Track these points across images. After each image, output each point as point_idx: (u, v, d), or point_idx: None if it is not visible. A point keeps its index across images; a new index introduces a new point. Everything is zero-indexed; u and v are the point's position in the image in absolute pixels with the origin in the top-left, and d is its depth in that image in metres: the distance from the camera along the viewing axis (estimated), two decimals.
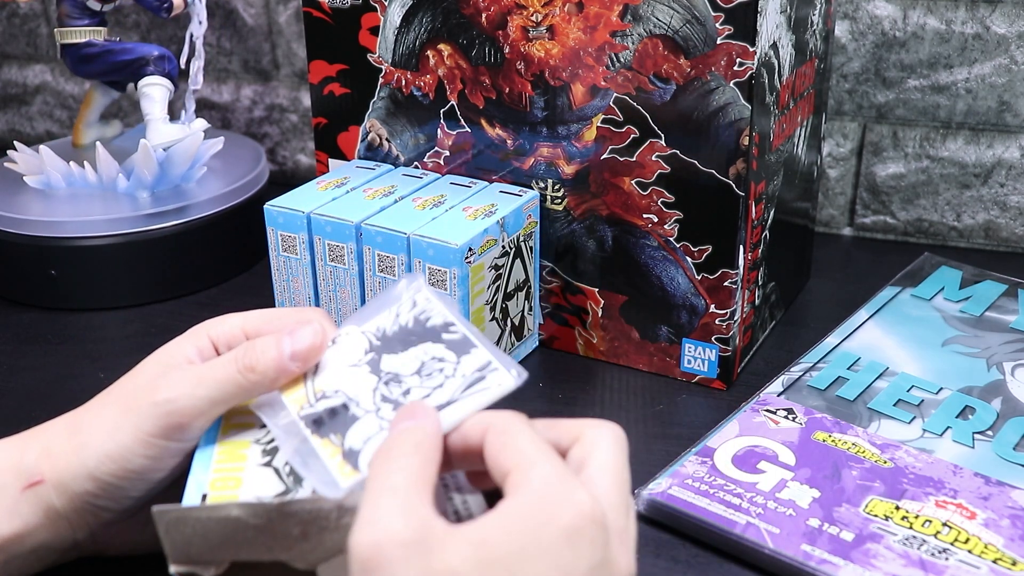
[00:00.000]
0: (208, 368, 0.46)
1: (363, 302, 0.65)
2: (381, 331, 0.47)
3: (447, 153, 0.70)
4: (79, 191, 0.81)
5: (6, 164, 0.84)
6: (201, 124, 0.82)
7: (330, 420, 0.44)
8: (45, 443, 0.47)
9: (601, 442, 0.41)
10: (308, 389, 0.46)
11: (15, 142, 0.83)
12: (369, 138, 0.72)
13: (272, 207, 0.65)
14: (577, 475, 0.39)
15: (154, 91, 0.81)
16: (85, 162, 0.81)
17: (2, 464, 0.46)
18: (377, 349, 0.46)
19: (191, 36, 0.84)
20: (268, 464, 0.46)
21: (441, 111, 0.69)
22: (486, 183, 0.68)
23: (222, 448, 0.47)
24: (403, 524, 0.35)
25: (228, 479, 0.45)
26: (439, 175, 0.70)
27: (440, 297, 0.48)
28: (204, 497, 0.44)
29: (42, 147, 0.81)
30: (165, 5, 0.83)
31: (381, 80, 0.70)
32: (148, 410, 0.45)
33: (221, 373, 0.45)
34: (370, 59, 0.70)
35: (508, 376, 0.44)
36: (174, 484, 0.47)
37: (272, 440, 0.47)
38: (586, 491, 0.37)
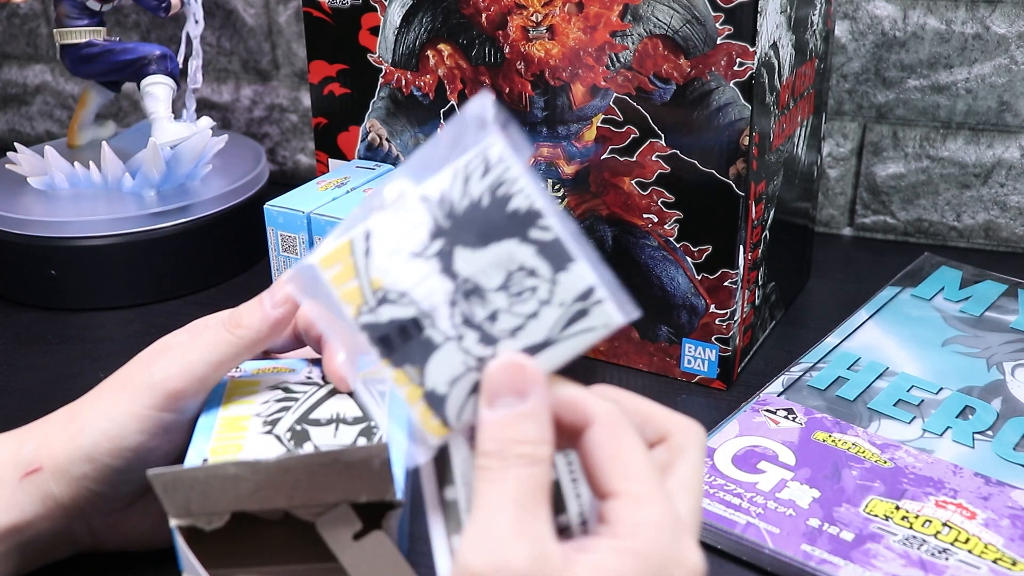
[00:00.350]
0: (197, 334, 0.47)
1: None
2: (447, 204, 0.37)
3: None
4: (81, 191, 0.81)
5: (7, 166, 0.84)
6: (207, 122, 0.82)
7: (401, 341, 0.37)
8: (43, 433, 0.47)
9: (689, 450, 0.39)
10: (363, 278, 0.37)
11: (16, 144, 0.83)
12: (369, 138, 0.72)
13: (272, 207, 0.65)
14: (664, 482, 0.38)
15: (158, 90, 0.81)
16: (91, 162, 0.81)
17: (1, 456, 0.47)
18: (446, 234, 0.37)
19: (187, 35, 0.85)
20: (269, 433, 0.46)
21: (441, 111, 0.69)
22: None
23: (223, 419, 0.47)
24: (524, 552, 0.33)
25: (228, 446, 0.45)
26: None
27: (519, 156, 0.37)
28: (204, 461, 0.43)
29: (46, 147, 0.81)
30: (163, 4, 0.83)
31: (381, 80, 0.70)
32: (142, 384, 0.45)
33: (211, 335, 0.46)
34: (370, 59, 0.70)
35: (615, 314, 0.37)
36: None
37: (274, 412, 0.47)
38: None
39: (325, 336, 0.48)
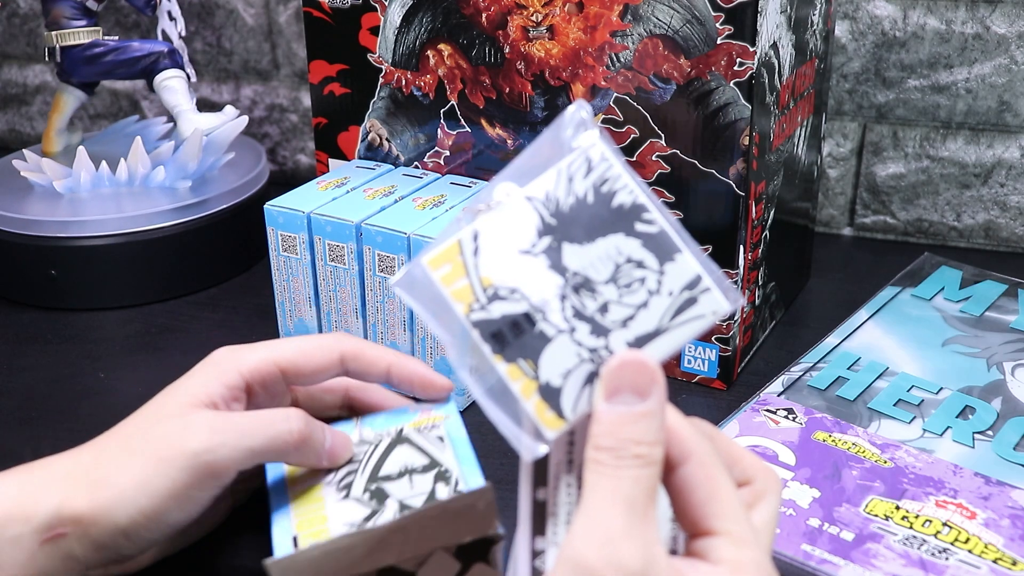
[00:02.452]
0: (259, 421, 0.44)
1: (363, 302, 0.65)
2: (553, 202, 0.38)
3: (447, 153, 0.70)
4: (80, 192, 0.81)
5: (27, 174, 0.81)
6: (232, 111, 0.83)
7: (514, 336, 0.37)
8: (63, 495, 0.43)
9: (771, 495, 0.40)
10: (472, 277, 0.38)
11: (24, 151, 0.83)
12: (369, 138, 0.72)
13: (272, 207, 0.65)
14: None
15: (176, 83, 0.82)
16: (122, 159, 0.81)
17: (12, 511, 0.43)
18: (553, 231, 0.38)
19: (163, 32, 0.84)
20: (347, 498, 0.46)
21: (441, 111, 0.69)
22: (486, 183, 0.68)
23: (295, 494, 0.47)
24: (637, 552, 0.34)
25: (313, 519, 0.46)
26: (439, 175, 0.70)
27: (618, 156, 0.38)
28: (295, 539, 0.44)
29: (80, 149, 0.80)
30: (152, 2, 0.83)
31: (381, 80, 0.70)
32: (183, 461, 0.43)
33: (274, 431, 0.44)
34: (370, 59, 0.70)
35: (723, 301, 0.37)
36: (195, 522, 0.46)
37: (343, 477, 0.48)
38: None
39: (434, 334, 0.47)
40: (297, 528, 0.45)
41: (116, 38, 0.83)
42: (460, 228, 0.38)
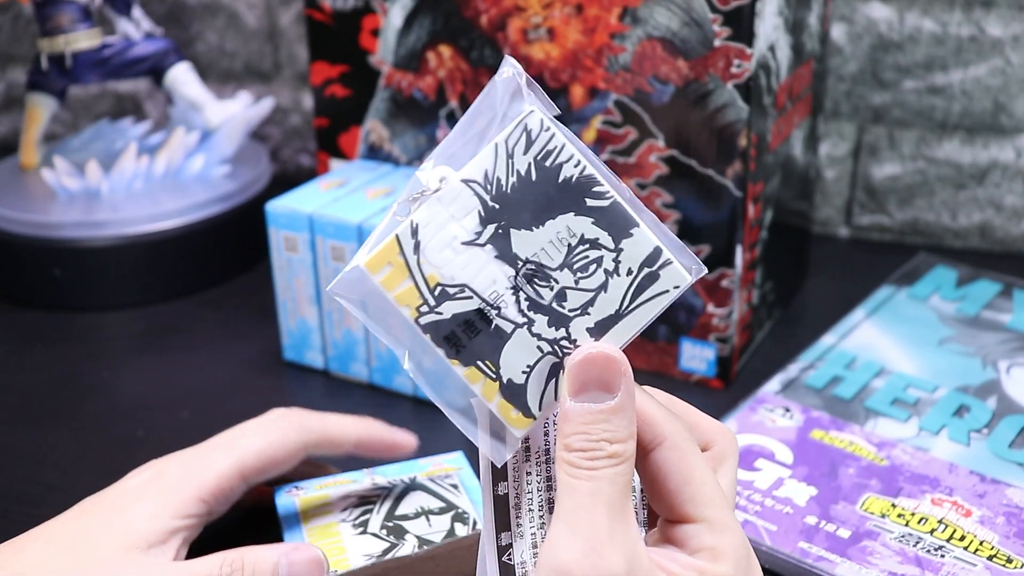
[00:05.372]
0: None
1: None
2: (494, 182, 0.34)
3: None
4: (94, 193, 0.81)
5: (66, 181, 0.80)
6: (247, 97, 0.85)
7: (468, 337, 0.35)
8: None
9: (729, 456, 0.40)
10: (416, 277, 0.35)
11: (55, 157, 0.82)
12: (370, 139, 0.73)
13: (274, 207, 0.66)
14: None
15: (190, 76, 0.84)
16: (161, 151, 0.82)
17: None
18: (498, 216, 0.34)
19: (125, 33, 0.84)
20: (364, 533, 0.47)
21: (441, 113, 0.69)
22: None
23: (311, 530, 0.48)
24: (620, 557, 0.33)
25: (331, 551, 0.46)
26: None
27: (558, 125, 0.35)
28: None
29: (132, 144, 0.82)
30: (130, 3, 0.84)
31: (382, 82, 0.71)
32: None
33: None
34: (371, 61, 0.71)
35: (684, 273, 0.35)
36: None
37: (358, 516, 0.48)
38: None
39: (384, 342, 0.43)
40: None
41: (116, 38, 0.84)
42: (396, 223, 0.35)
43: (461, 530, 0.47)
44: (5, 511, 0.56)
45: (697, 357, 0.66)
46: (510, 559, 0.37)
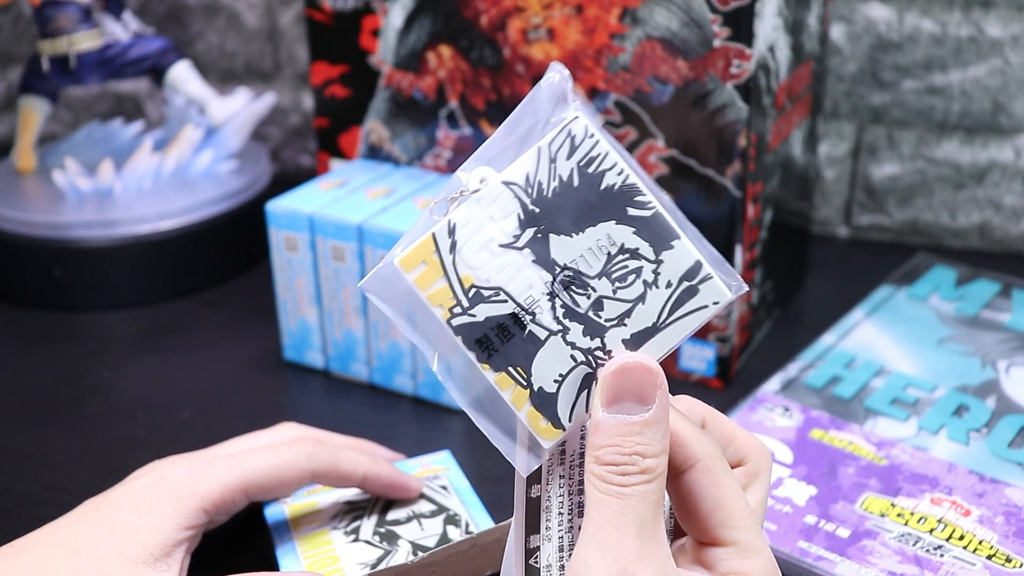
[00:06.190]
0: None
1: (365, 302, 0.65)
2: (535, 186, 0.34)
3: (448, 154, 0.71)
4: (94, 192, 0.81)
5: (80, 183, 0.80)
6: (247, 93, 0.86)
7: (501, 341, 0.34)
8: None
9: (762, 473, 0.40)
10: (451, 277, 0.34)
11: (66, 159, 0.82)
12: (371, 139, 0.73)
13: (275, 207, 0.66)
14: None
15: (191, 74, 0.84)
16: (170, 148, 0.83)
17: None
18: (537, 220, 0.34)
19: (111, 33, 0.84)
20: (356, 540, 0.47)
21: (442, 113, 0.69)
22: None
23: (302, 540, 0.48)
24: (652, 574, 0.33)
25: (323, 561, 0.46)
26: (440, 175, 0.71)
27: (604, 132, 0.35)
28: None
29: (146, 140, 0.82)
30: (122, 4, 0.84)
31: (382, 82, 0.71)
32: None
33: None
34: (371, 61, 0.71)
35: (724, 289, 0.35)
36: None
37: (349, 523, 0.48)
38: None
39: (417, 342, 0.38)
40: (307, 569, 0.46)
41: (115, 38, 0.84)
42: (433, 221, 0.34)
43: (454, 532, 0.47)
44: (5, 511, 0.56)
45: (697, 357, 0.66)
46: (536, 562, 0.37)
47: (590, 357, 0.35)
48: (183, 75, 0.83)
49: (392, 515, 0.49)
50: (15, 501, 0.57)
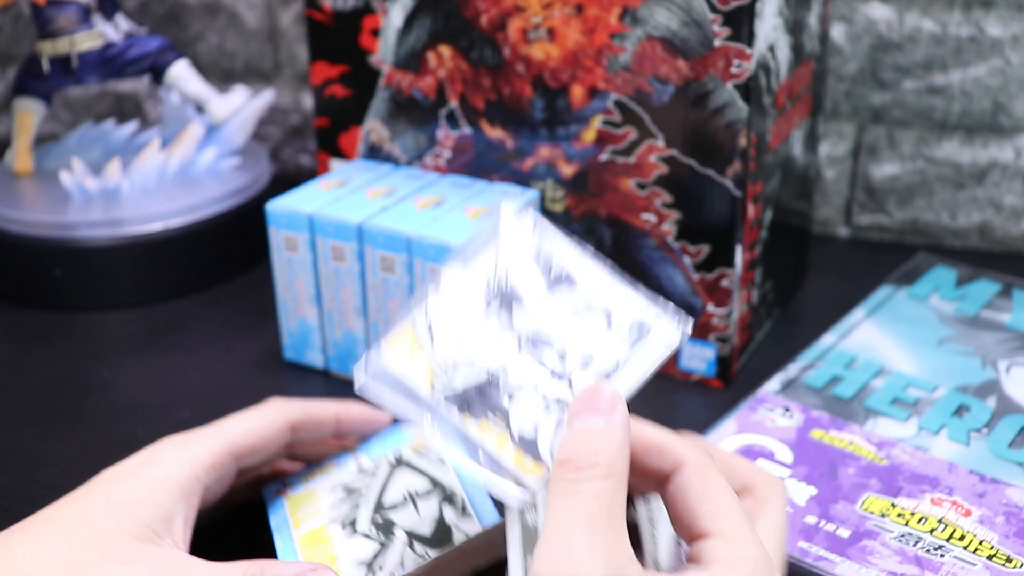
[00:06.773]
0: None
1: (365, 302, 0.65)
2: (496, 274, 0.41)
3: (448, 154, 0.71)
4: (97, 191, 0.81)
5: (89, 183, 0.80)
6: (245, 90, 0.86)
7: (479, 400, 0.39)
8: None
9: (773, 500, 0.40)
10: (430, 356, 0.40)
11: (72, 159, 0.82)
12: (371, 139, 0.73)
13: (274, 207, 0.66)
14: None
15: (190, 72, 0.84)
16: (174, 146, 0.83)
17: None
18: (501, 297, 0.41)
19: (103, 33, 0.84)
20: (354, 534, 0.47)
21: (442, 113, 0.69)
22: (486, 183, 0.69)
23: (301, 538, 0.48)
24: (600, 568, 0.33)
25: (321, 561, 0.46)
26: (440, 175, 0.71)
27: (547, 226, 0.42)
28: None
29: (155, 139, 0.82)
30: (116, 4, 0.84)
31: (382, 82, 0.71)
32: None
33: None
34: (371, 61, 0.71)
35: (674, 329, 0.40)
36: None
37: (347, 513, 0.48)
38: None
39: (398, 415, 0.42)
40: None
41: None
42: (412, 312, 0.41)
43: (449, 513, 0.47)
44: (6, 511, 0.56)
45: (697, 357, 0.66)
46: None
47: (561, 404, 0.39)
48: (183, 73, 0.83)
49: (388, 498, 0.49)
50: (15, 501, 0.57)
